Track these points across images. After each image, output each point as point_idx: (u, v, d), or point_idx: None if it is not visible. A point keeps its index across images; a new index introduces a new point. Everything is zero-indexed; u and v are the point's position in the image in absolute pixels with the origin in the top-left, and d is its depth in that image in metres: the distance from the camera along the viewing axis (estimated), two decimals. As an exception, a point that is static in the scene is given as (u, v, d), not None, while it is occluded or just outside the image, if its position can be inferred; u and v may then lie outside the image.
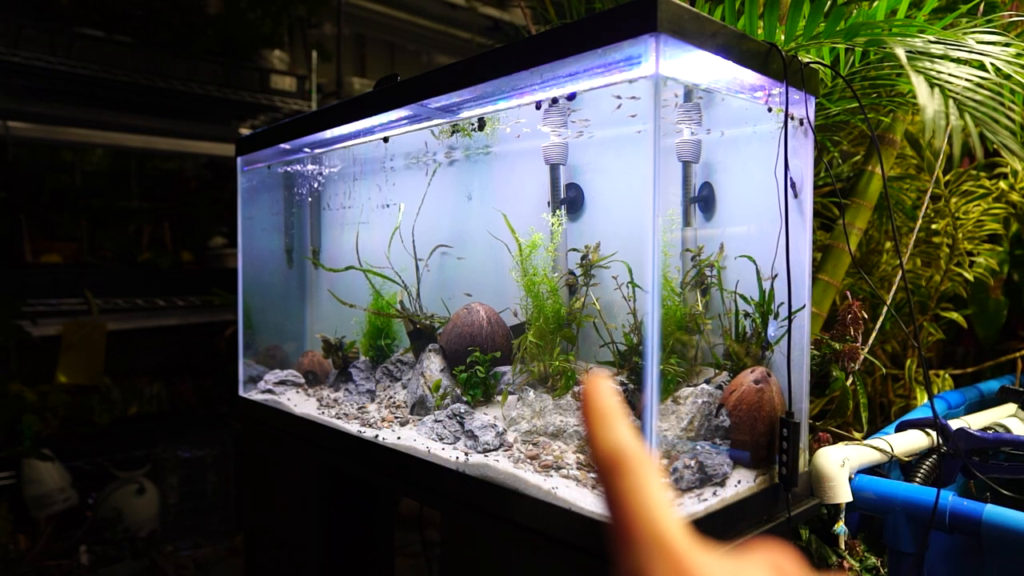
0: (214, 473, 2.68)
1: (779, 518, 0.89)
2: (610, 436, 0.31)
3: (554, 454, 0.92)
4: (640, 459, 0.30)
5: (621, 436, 0.31)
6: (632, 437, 0.31)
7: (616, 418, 0.31)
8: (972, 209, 1.51)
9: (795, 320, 0.90)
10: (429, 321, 1.32)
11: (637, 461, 0.30)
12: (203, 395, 3.10)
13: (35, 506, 2.35)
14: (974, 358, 1.74)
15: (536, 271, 1.12)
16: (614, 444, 0.30)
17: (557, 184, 1.17)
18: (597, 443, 0.31)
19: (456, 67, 0.98)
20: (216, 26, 2.84)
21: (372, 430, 1.15)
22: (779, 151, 0.91)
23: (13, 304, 2.30)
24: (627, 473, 0.30)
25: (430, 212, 1.37)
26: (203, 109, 2.97)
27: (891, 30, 0.91)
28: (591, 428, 0.31)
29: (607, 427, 0.31)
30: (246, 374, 1.56)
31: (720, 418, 0.91)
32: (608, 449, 0.30)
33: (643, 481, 0.29)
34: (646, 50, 0.76)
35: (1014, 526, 0.83)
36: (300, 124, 1.35)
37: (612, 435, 0.31)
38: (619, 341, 1.07)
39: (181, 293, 2.79)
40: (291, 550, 1.34)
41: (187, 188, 3.33)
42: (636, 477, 0.29)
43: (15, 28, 2.28)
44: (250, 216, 1.60)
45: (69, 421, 2.69)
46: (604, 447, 0.30)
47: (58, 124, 2.63)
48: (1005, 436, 1.04)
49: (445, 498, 0.98)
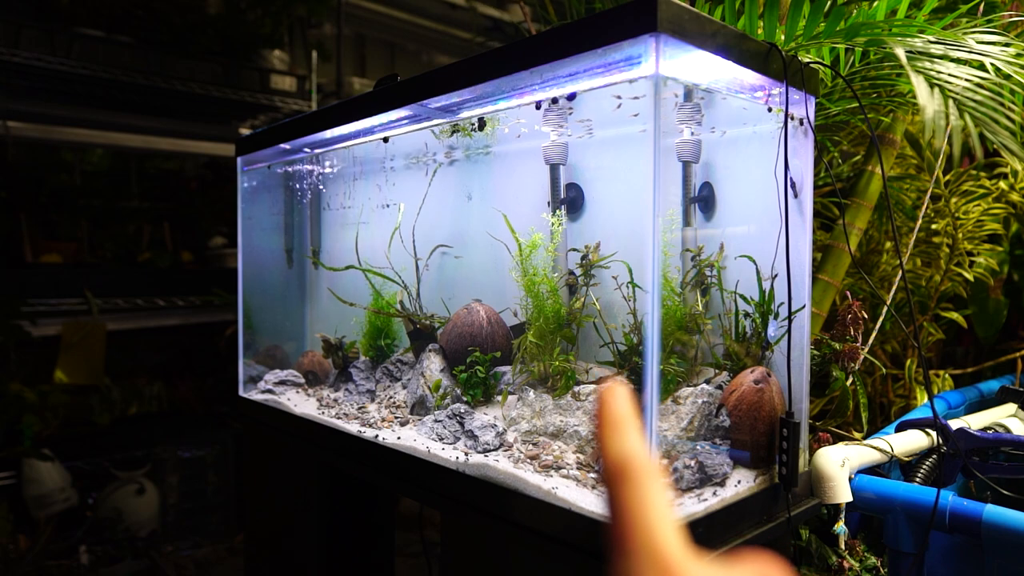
0: (214, 473, 2.68)
1: (779, 518, 0.89)
2: (620, 444, 0.31)
3: (554, 454, 0.92)
4: (647, 470, 0.31)
5: (631, 445, 0.31)
6: (642, 447, 0.31)
7: (628, 427, 0.32)
8: (972, 209, 1.51)
9: (795, 320, 0.90)
10: (429, 321, 1.32)
11: (644, 471, 0.31)
12: (203, 395, 3.10)
13: (35, 506, 2.36)
14: (974, 358, 1.74)
15: (536, 271, 1.12)
16: (623, 452, 0.31)
17: (557, 184, 1.17)
18: (607, 449, 0.31)
19: (456, 67, 0.98)
20: (216, 26, 2.84)
21: (372, 430, 1.15)
22: (779, 151, 0.91)
23: (13, 304, 2.30)
24: (632, 482, 0.30)
25: (430, 212, 1.37)
26: (203, 109, 2.97)
27: (891, 30, 0.91)
28: (603, 434, 0.32)
29: (619, 435, 0.32)
30: (246, 374, 1.56)
31: (720, 418, 0.91)
32: (617, 456, 0.31)
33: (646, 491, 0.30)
34: (646, 50, 0.76)
35: (1014, 526, 0.83)
36: (300, 124, 1.35)
37: (622, 443, 0.31)
38: (619, 341, 1.07)
39: (181, 293, 2.79)
40: (291, 550, 1.34)
41: (187, 188, 3.33)
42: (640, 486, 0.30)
43: (15, 28, 2.28)
44: (250, 216, 1.61)
45: (69, 421, 2.69)
46: (613, 454, 0.31)
47: (58, 124, 2.63)
48: (1005, 436, 1.04)
49: (445, 498, 0.98)
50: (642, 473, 0.31)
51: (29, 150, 3.03)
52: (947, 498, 0.90)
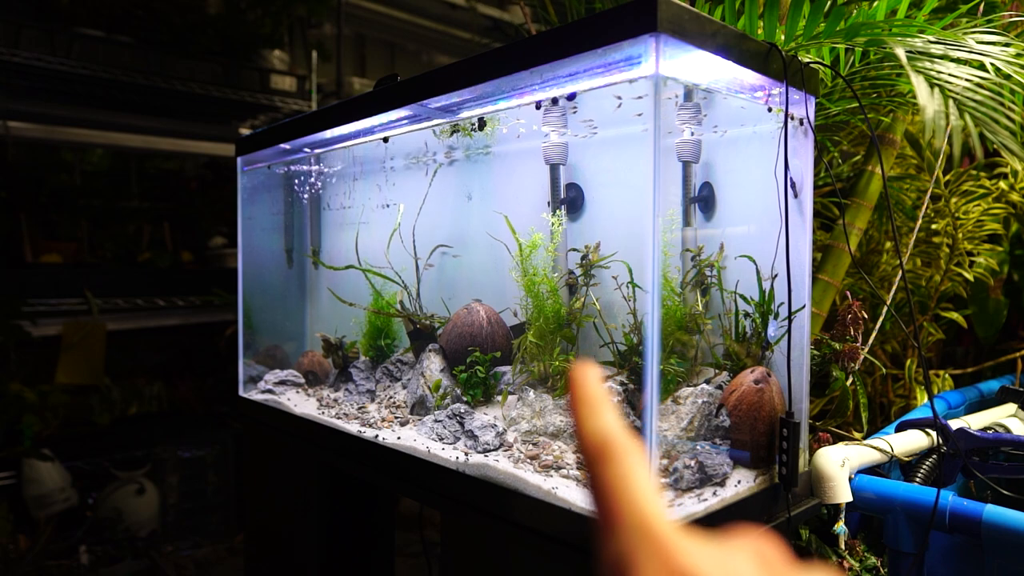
0: (214, 473, 2.68)
1: (779, 518, 0.89)
2: (596, 423, 0.30)
3: (554, 454, 0.93)
4: (626, 446, 0.29)
5: (607, 423, 0.30)
6: (618, 424, 0.30)
7: (602, 405, 0.31)
8: (972, 209, 1.51)
9: (795, 320, 0.90)
10: (429, 321, 1.32)
11: (623, 448, 0.29)
12: (203, 395, 3.10)
13: (35, 506, 2.36)
14: (974, 358, 1.74)
15: (536, 271, 1.12)
16: (600, 431, 0.30)
17: (557, 184, 1.17)
18: (583, 431, 0.30)
19: (456, 67, 0.98)
20: (216, 26, 2.84)
21: (372, 430, 1.15)
22: (779, 151, 0.91)
23: (13, 304, 2.30)
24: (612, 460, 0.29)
25: (430, 212, 1.37)
26: (203, 109, 2.97)
27: (891, 30, 0.91)
28: (577, 416, 0.31)
29: (593, 414, 0.30)
30: (246, 374, 1.56)
31: (720, 418, 0.91)
32: (594, 436, 0.30)
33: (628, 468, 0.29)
34: (646, 50, 0.76)
35: (1014, 526, 0.83)
36: (300, 124, 1.35)
37: (598, 422, 0.30)
38: (619, 341, 1.07)
39: (181, 293, 2.79)
40: (291, 550, 1.34)
41: (187, 188, 3.33)
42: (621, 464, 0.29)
43: (15, 28, 2.28)
44: (250, 216, 1.61)
45: (69, 421, 2.69)
46: (590, 434, 0.30)
47: (58, 124, 2.63)
48: (1005, 436, 1.04)
49: (445, 498, 0.98)
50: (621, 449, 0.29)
51: (29, 150, 3.03)
52: (947, 498, 0.90)
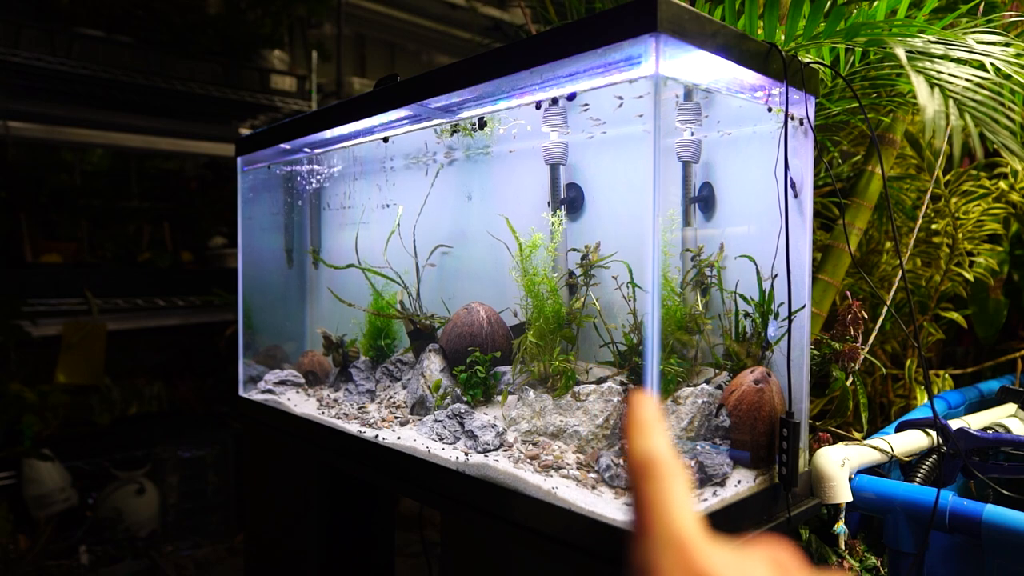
0: (214, 473, 2.68)
1: (779, 518, 0.89)
2: (645, 444, 0.34)
3: (554, 454, 0.92)
4: (669, 466, 0.33)
5: (654, 445, 0.34)
6: (666, 447, 0.34)
7: (653, 429, 0.34)
8: (972, 209, 1.51)
9: (795, 320, 0.90)
10: (429, 321, 1.32)
11: (666, 468, 0.33)
12: (203, 395, 3.10)
13: (35, 506, 2.36)
14: (974, 358, 1.74)
15: (536, 271, 1.12)
16: (647, 451, 0.33)
17: (557, 184, 1.17)
18: (632, 449, 0.34)
19: (456, 67, 0.98)
20: (216, 26, 2.84)
21: (372, 430, 1.15)
22: (779, 151, 0.91)
23: (13, 304, 2.30)
24: (655, 478, 0.32)
25: (430, 212, 1.37)
26: (203, 109, 2.97)
27: (891, 30, 0.91)
28: (629, 435, 0.35)
29: (643, 436, 0.34)
30: (246, 374, 1.56)
31: (720, 418, 0.91)
32: (641, 455, 0.33)
33: (668, 485, 0.32)
34: (646, 50, 0.76)
35: (1014, 526, 0.83)
36: (300, 124, 1.35)
37: (647, 443, 0.34)
38: (619, 341, 1.07)
39: (181, 293, 2.79)
40: (291, 550, 1.34)
41: (187, 188, 3.33)
42: (662, 481, 0.32)
43: (15, 28, 2.28)
44: (250, 216, 1.61)
45: (69, 421, 2.69)
46: (638, 453, 0.34)
47: (58, 124, 2.63)
48: (1005, 436, 1.04)
49: (445, 498, 0.98)
50: (664, 469, 0.33)
51: (29, 150, 3.03)
52: (947, 498, 0.90)
